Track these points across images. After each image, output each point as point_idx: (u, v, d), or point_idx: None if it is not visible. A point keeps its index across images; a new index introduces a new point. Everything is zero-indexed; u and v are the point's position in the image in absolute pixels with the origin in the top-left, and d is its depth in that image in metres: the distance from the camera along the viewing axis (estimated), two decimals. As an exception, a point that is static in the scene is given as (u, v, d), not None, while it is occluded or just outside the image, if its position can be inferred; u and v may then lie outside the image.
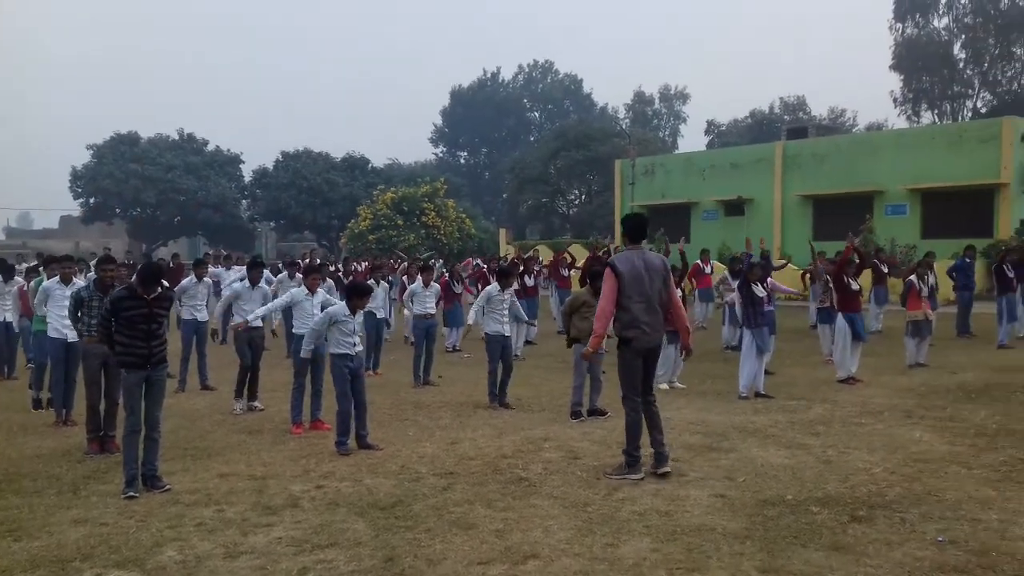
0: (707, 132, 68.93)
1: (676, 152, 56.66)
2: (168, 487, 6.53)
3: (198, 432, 8.69)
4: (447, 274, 16.32)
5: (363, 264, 25.99)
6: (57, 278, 9.41)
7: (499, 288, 10.24)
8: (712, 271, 18.48)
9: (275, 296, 10.66)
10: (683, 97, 77.22)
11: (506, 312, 10.27)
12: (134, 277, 6.83)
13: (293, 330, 9.76)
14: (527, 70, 78.81)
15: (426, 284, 12.09)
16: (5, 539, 5.49)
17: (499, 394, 9.98)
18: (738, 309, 11.26)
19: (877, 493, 6.16)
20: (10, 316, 12.19)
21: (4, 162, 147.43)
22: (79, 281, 9.48)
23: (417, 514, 5.85)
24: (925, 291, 12.64)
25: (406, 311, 13.46)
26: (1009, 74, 51.25)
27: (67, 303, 8.49)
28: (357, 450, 7.76)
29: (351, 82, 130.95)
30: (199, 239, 59.14)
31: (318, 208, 52.81)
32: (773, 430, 8.33)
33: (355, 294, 8.17)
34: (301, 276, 11.23)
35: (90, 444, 7.92)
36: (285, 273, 15.23)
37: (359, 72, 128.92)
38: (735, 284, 12.16)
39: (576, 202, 54.77)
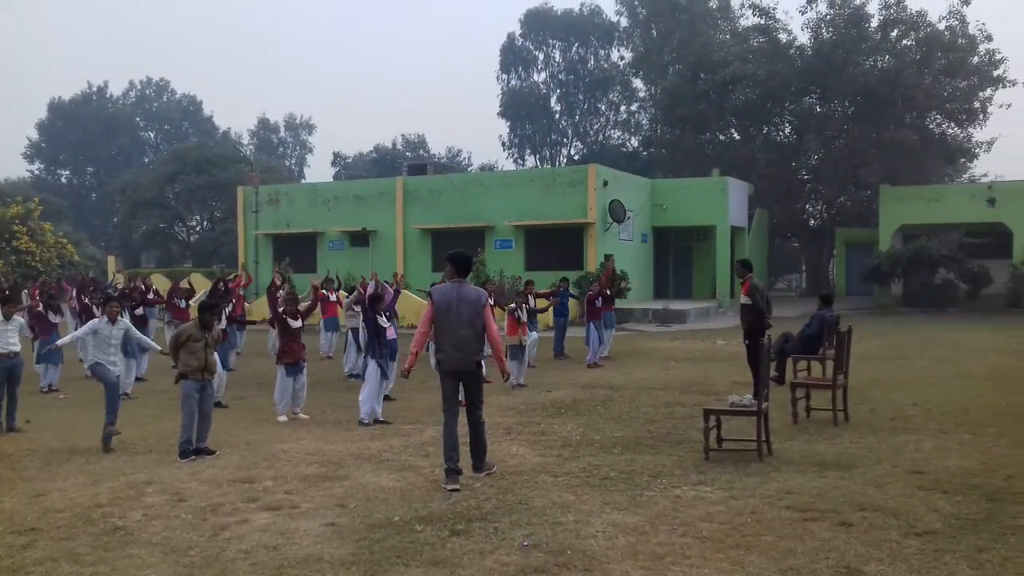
0: (333, 163, 69.68)
1: (302, 182, 56.39)
2: None
3: None
4: (40, 303, 14.60)
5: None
6: None
7: (108, 320, 9.47)
8: (338, 300, 18.66)
9: None
10: (309, 127, 77.25)
11: (114, 347, 9.55)
12: None
13: None
14: (139, 87, 73.56)
15: (7, 317, 10.61)
16: None
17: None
18: (362, 337, 11.50)
19: (476, 507, 6.65)
20: None
21: None
22: None
23: (-14, 580, 5.15)
24: (524, 317, 14.02)
25: None
26: (596, 126, 58.55)
27: None
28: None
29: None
30: None
31: None
32: (387, 454, 8.63)
33: None
34: None
35: None
36: None
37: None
38: (359, 312, 12.43)
39: (198, 228, 52.06)
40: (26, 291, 23.47)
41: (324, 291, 18.33)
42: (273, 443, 9.31)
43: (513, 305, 14.23)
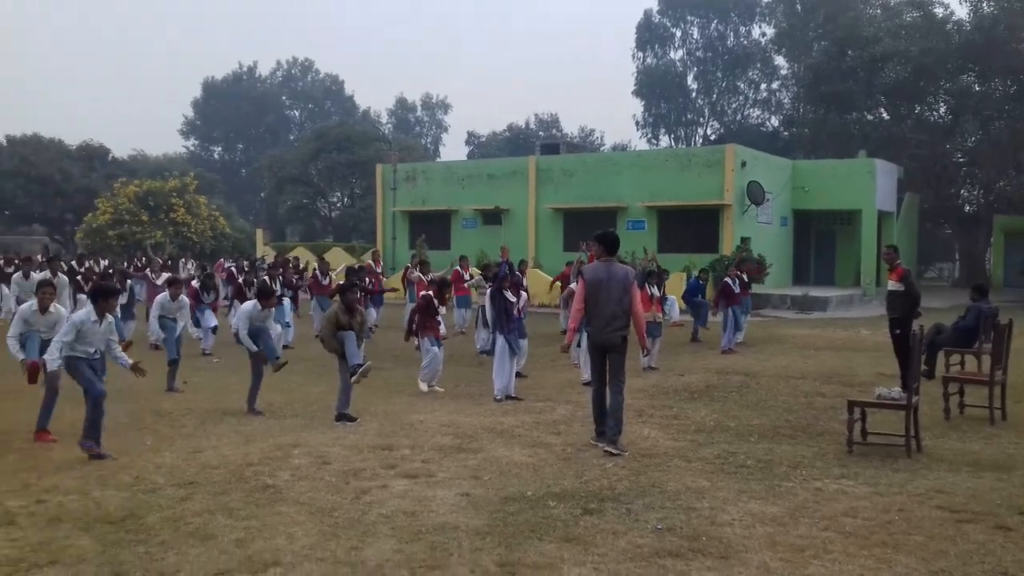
0: (467, 142, 70.68)
1: (438, 160, 57.47)
2: None
3: None
4: (199, 283, 15.45)
5: (103, 262, 24.11)
6: None
7: (259, 307, 9.91)
8: (471, 277, 18.94)
9: None
10: (444, 107, 78.64)
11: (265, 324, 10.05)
12: None
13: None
14: (286, 67, 76.63)
15: (174, 298, 11.35)
16: None
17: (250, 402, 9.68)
18: (490, 314, 11.65)
19: (608, 487, 6.63)
20: None
21: None
22: None
23: (151, 527, 5.53)
24: (657, 293, 13.90)
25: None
26: (734, 105, 56.90)
27: None
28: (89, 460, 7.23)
29: (92, 66, 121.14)
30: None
31: (49, 200, 48.15)
32: (520, 430, 8.72)
33: (101, 296, 7.71)
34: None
35: None
36: (20, 272, 13.85)
37: (98, 57, 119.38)
38: (488, 290, 12.54)
39: (338, 205, 53.99)
40: (185, 263, 25.03)
41: (459, 269, 18.71)
42: (409, 413, 9.57)
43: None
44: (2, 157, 49.08)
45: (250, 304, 9.91)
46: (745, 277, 16.93)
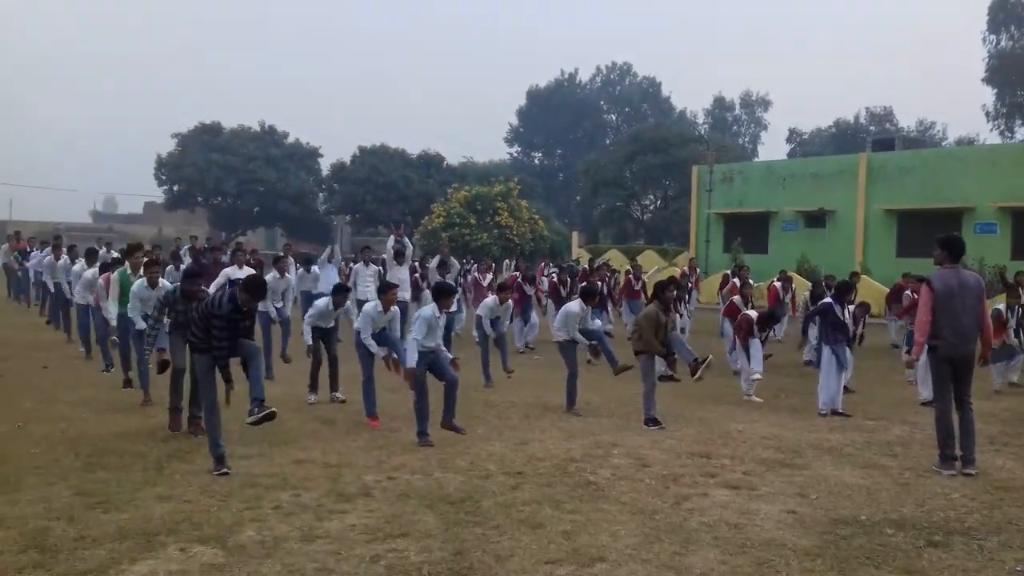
0: (789, 140, 67.80)
1: (756, 160, 55.72)
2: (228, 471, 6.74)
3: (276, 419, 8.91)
4: (519, 275, 16.41)
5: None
6: (144, 281, 9.47)
7: (583, 306, 10.09)
8: (794, 291, 18.03)
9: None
10: (764, 104, 76.08)
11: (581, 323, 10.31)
12: (240, 288, 6.91)
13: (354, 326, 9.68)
14: (605, 72, 78.49)
15: (502, 302, 11.97)
16: (94, 510, 5.76)
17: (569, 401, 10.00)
18: (819, 326, 10.99)
19: (955, 519, 5.99)
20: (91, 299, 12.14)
21: (93, 147, 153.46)
22: (165, 283, 9.55)
23: (486, 511, 5.93)
24: (1012, 322, 12.11)
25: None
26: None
27: (152, 303, 8.75)
28: (430, 445, 7.91)
29: (428, 81, 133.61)
30: (277, 230, 60.49)
31: (393, 204, 53.50)
32: (849, 449, 8.17)
33: (442, 294, 8.42)
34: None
35: (171, 419, 8.23)
36: (361, 263, 15.54)
37: (435, 72, 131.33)
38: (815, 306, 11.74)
39: (651, 207, 54.35)
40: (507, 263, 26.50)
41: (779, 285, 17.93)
42: (727, 422, 9.36)
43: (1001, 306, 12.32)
44: (355, 166, 55.44)
45: (575, 304, 10.19)
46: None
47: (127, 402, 9.71)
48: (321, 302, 10.17)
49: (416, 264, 18.62)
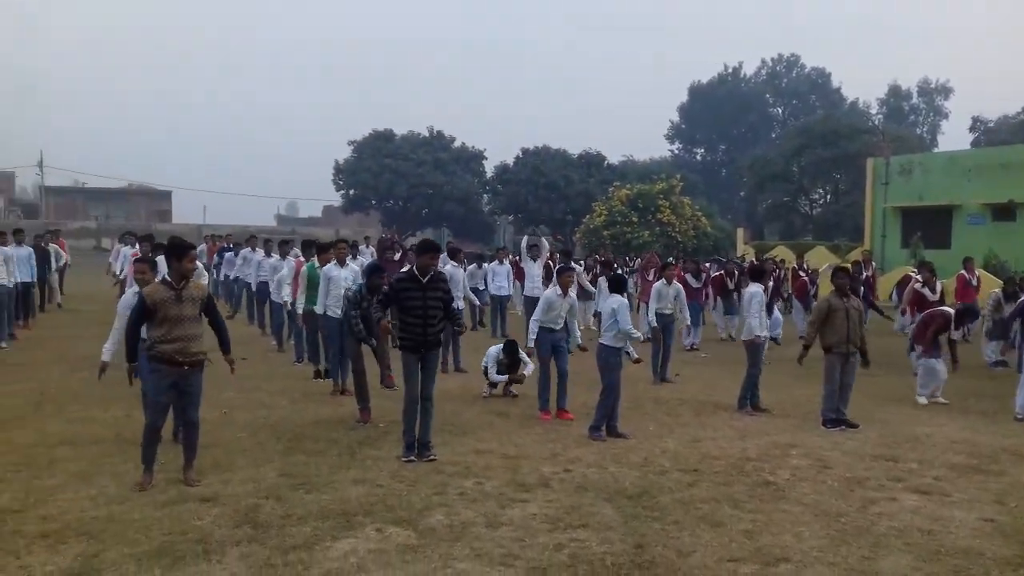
0: (972, 129, 63.00)
1: (936, 151, 52.32)
2: (434, 457, 7.12)
3: (452, 411, 9.29)
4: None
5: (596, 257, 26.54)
6: (334, 262, 10.33)
7: (558, 293, 9.48)
8: (979, 283, 16.87)
9: None
10: (944, 91, 71.25)
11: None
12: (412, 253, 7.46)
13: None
14: (771, 64, 75.79)
15: (668, 282, 11.93)
16: (298, 491, 6.23)
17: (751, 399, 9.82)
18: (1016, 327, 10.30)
19: None
20: (285, 295, 12.45)
21: (276, 155, 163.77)
22: (353, 264, 10.38)
23: (664, 506, 5.97)
24: None
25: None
26: None
27: (343, 283, 9.52)
28: (604, 439, 8.04)
29: (586, 82, 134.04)
30: (444, 230, 62.44)
31: (554, 203, 54.01)
32: (1051, 456, 7.64)
33: (620, 287, 8.63)
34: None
35: (361, 413, 8.74)
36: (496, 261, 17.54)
37: (593, 72, 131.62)
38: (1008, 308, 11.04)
39: (820, 202, 52.13)
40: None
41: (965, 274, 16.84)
42: (912, 425, 8.95)
43: None
44: (518, 167, 56.39)
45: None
46: None
47: (318, 392, 10.38)
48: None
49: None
